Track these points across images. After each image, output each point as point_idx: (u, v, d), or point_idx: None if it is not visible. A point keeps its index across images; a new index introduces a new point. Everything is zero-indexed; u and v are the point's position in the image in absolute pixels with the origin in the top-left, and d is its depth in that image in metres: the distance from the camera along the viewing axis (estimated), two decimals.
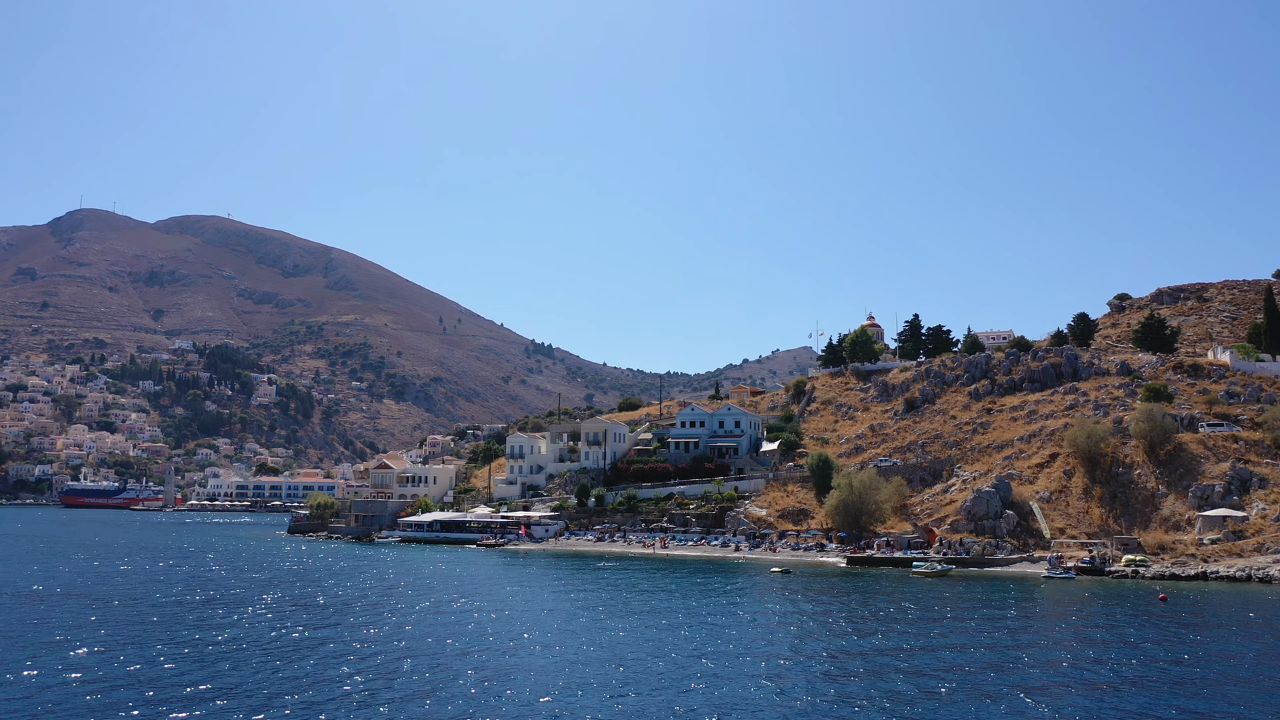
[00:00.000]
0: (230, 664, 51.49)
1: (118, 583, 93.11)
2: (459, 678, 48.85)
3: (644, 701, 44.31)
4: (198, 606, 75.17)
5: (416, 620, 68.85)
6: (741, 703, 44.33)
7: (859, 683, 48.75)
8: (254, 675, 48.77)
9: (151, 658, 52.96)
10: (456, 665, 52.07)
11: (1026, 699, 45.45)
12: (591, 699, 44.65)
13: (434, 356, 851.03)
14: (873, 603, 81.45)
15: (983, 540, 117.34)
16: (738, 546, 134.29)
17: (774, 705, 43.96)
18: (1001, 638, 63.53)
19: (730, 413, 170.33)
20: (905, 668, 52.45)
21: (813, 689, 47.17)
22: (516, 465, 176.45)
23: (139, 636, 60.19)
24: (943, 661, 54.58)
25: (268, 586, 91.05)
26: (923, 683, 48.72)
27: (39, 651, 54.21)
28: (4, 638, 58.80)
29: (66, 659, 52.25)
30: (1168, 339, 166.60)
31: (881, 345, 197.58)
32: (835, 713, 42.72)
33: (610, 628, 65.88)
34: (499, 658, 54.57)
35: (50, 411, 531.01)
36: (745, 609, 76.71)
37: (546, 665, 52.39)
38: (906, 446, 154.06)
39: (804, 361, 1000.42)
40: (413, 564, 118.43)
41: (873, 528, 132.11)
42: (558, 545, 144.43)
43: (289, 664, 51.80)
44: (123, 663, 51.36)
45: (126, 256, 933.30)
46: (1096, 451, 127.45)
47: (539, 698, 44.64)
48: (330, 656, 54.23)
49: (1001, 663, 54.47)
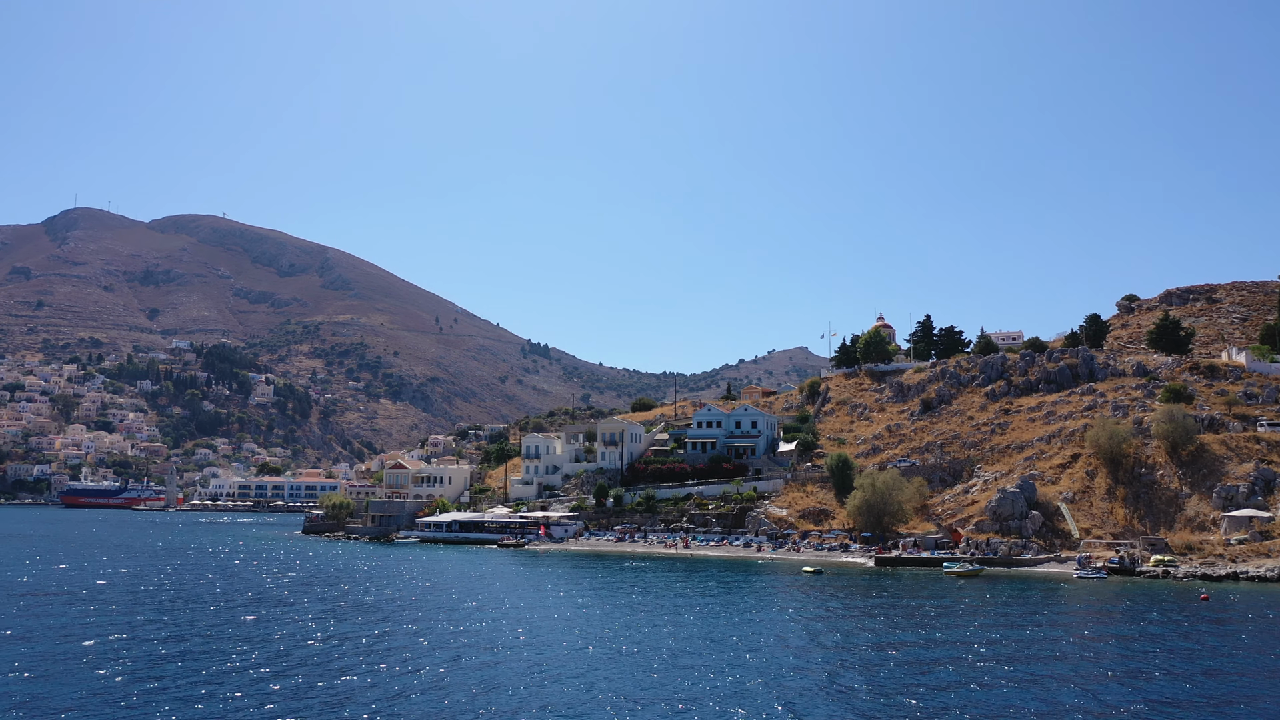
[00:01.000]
0: (317, 664, 51.73)
1: (165, 583, 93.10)
2: (556, 679, 49.15)
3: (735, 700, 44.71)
4: (249, 606, 75.26)
5: (473, 619, 69.04)
6: (817, 699, 44.72)
7: (937, 680, 49.17)
8: (341, 676, 49.01)
9: (247, 660, 53.15)
10: (537, 665, 52.35)
11: (1106, 697, 45.95)
12: (671, 700, 45.01)
13: (431, 356, 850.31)
14: (915, 602, 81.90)
15: (1009, 540, 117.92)
16: (760, 547, 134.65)
17: (847, 699, 44.37)
18: (1059, 636, 64.03)
19: (747, 413, 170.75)
20: (976, 670, 52.86)
21: (891, 684, 47.58)
22: (532, 465, 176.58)
23: (218, 637, 60.34)
24: (1014, 662, 55.00)
25: (308, 586, 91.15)
26: (1002, 683, 49.18)
27: (122, 653, 54.35)
28: (86, 639, 58.89)
29: (155, 657, 52.41)
30: (1182, 340, 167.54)
31: (895, 346, 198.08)
32: (910, 709, 43.14)
33: (670, 629, 66.15)
34: (577, 656, 54.85)
35: (48, 411, 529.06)
36: (793, 609, 77.04)
37: (620, 664, 52.69)
38: (925, 447, 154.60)
39: (800, 362, 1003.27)
40: (440, 564, 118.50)
41: (895, 528, 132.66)
42: (578, 545, 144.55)
43: (367, 664, 52.06)
44: (217, 663, 51.55)
45: (121, 256, 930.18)
46: (1118, 452, 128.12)
47: (617, 695, 45.00)
48: (403, 655, 54.47)
49: (1069, 661, 54.96)
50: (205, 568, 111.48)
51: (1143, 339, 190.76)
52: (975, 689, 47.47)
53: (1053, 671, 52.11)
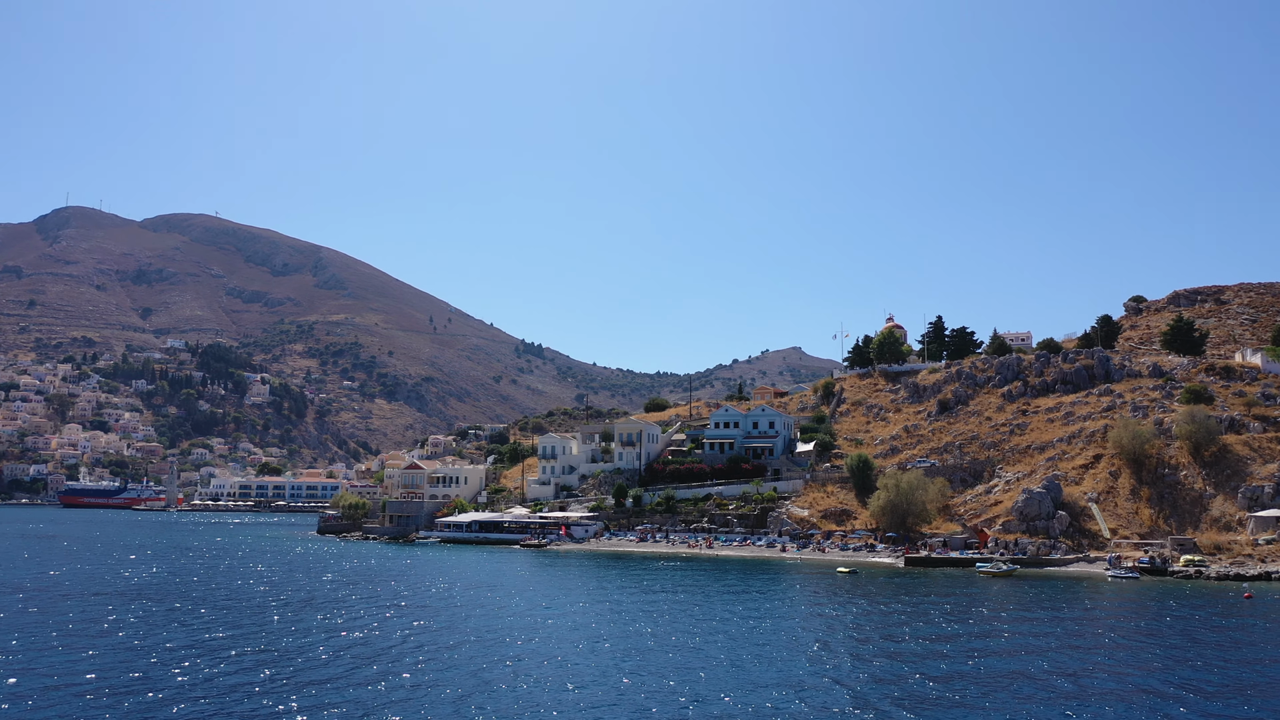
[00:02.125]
0: (405, 662, 51.99)
1: (211, 583, 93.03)
2: (650, 681, 49.49)
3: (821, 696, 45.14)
4: (308, 606, 75.34)
5: (524, 618, 69.29)
6: (896, 695, 45.22)
7: (1002, 679, 49.70)
8: (432, 675, 49.29)
9: (317, 658, 53.33)
10: (611, 665, 52.69)
11: (1191, 696, 46.55)
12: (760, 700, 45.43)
13: (425, 356, 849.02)
14: (963, 601, 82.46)
15: (1037, 541, 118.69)
16: (784, 547, 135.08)
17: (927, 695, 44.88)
18: (1121, 637, 64.61)
19: (764, 414, 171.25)
20: (1043, 669, 53.42)
21: (982, 683, 48.12)
22: (549, 466, 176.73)
23: (296, 636, 60.48)
24: (1082, 661, 55.58)
25: (352, 586, 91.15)
26: (1077, 682, 49.74)
27: (201, 655, 54.46)
28: (169, 638, 58.96)
29: (235, 659, 52.56)
30: (1196, 341, 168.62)
31: (908, 347, 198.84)
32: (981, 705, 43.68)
33: (739, 629, 66.54)
34: (658, 656, 55.17)
35: (43, 410, 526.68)
36: (840, 608, 77.49)
37: (708, 665, 53.08)
38: (943, 448, 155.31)
39: (794, 362, 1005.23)
40: (469, 565, 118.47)
41: (919, 528, 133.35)
42: (600, 546, 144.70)
43: (450, 663, 52.33)
44: (299, 663, 51.73)
45: (114, 255, 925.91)
46: (1141, 453, 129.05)
47: (697, 694, 45.44)
48: (475, 657, 54.74)
49: (1138, 660, 55.57)
50: (240, 568, 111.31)
51: (1154, 340, 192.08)
52: (1067, 687, 48.04)
53: (1128, 672, 52.68)
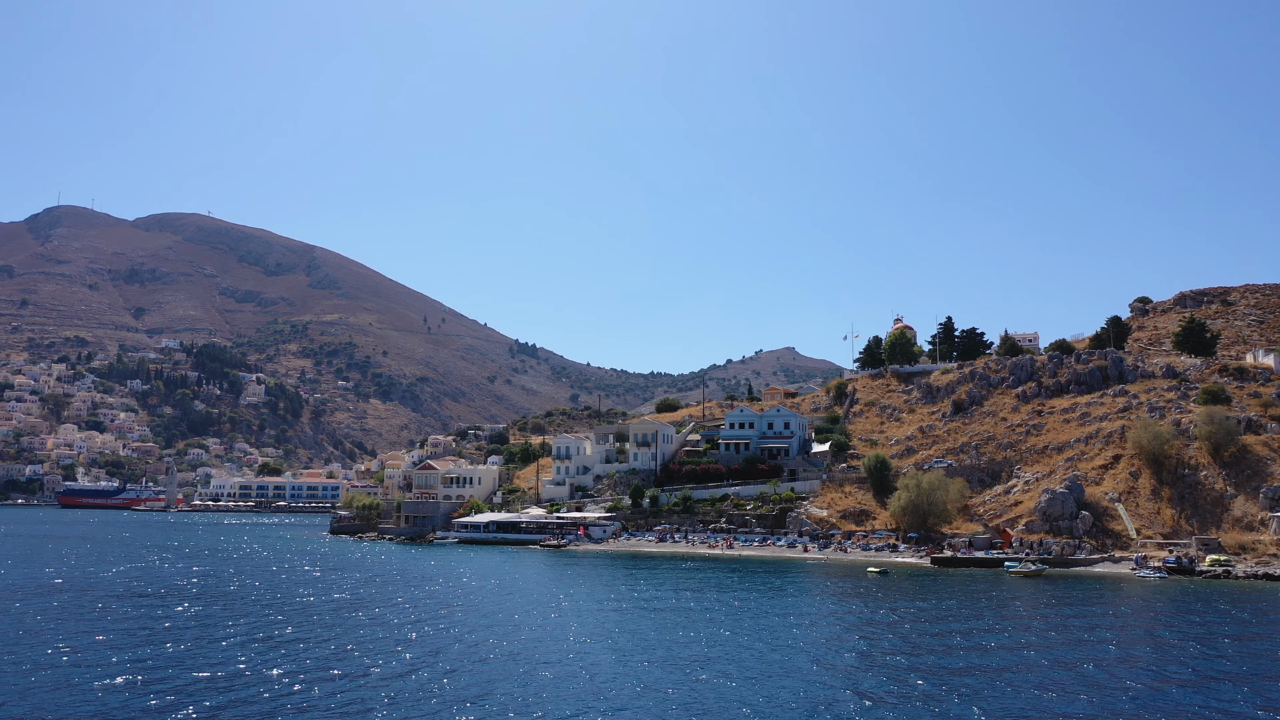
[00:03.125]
0: (469, 661, 52.22)
1: (251, 583, 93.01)
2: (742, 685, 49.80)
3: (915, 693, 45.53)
4: (354, 607, 75.43)
5: (578, 619, 69.53)
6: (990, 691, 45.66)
7: (1100, 679, 50.20)
8: (500, 675, 49.52)
9: (404, 663, 53.51)
10: (689, 666, 53.01)
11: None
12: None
13: (420, 356, 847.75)
14: (1004, 601, 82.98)
15: (1061, 540, 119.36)
16: (805, 547, 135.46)
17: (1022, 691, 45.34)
18: (1179, 637, 65.18)
19: (779, 414, 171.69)
20: (1118, 669, 53.95)
21: (1064, 681, 48.62)
22: (563, 466, 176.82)
23: (352, 636, 60.61)
24: (1159, 661, 56.14)
25: (388, 587, 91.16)
26: (1170, 687, 50.28)
27: (283, 658, 54.58)
28: (238, 637, 59.03)
29: (317, 660, 52.69)
30: (1208, 342, 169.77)
31: (919, 348, 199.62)
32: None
33: (798, 631, 66.87)
34: (735, 655, 55.51)
35: (38, 410, 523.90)
36: (886, 610, 77.91)
37: (768, 672, 53.44)
38: (959, 448, 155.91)
39: (787, 362, 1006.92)
40: (492, 565, 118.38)
41: (940, 528, 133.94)
42: (619, 546, 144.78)
43: (515, 663, 52.60)
44: (385, 664, 51.90)
45: (106, 254, 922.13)
46: (1160, 453, 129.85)
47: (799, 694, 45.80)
48: (548, 659, 55.01)
49: (1219, 660, 56.16)
50: (271, 569, 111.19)
51: (1163, 341, 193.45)
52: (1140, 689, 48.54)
53: (1202, 673, 53.28)
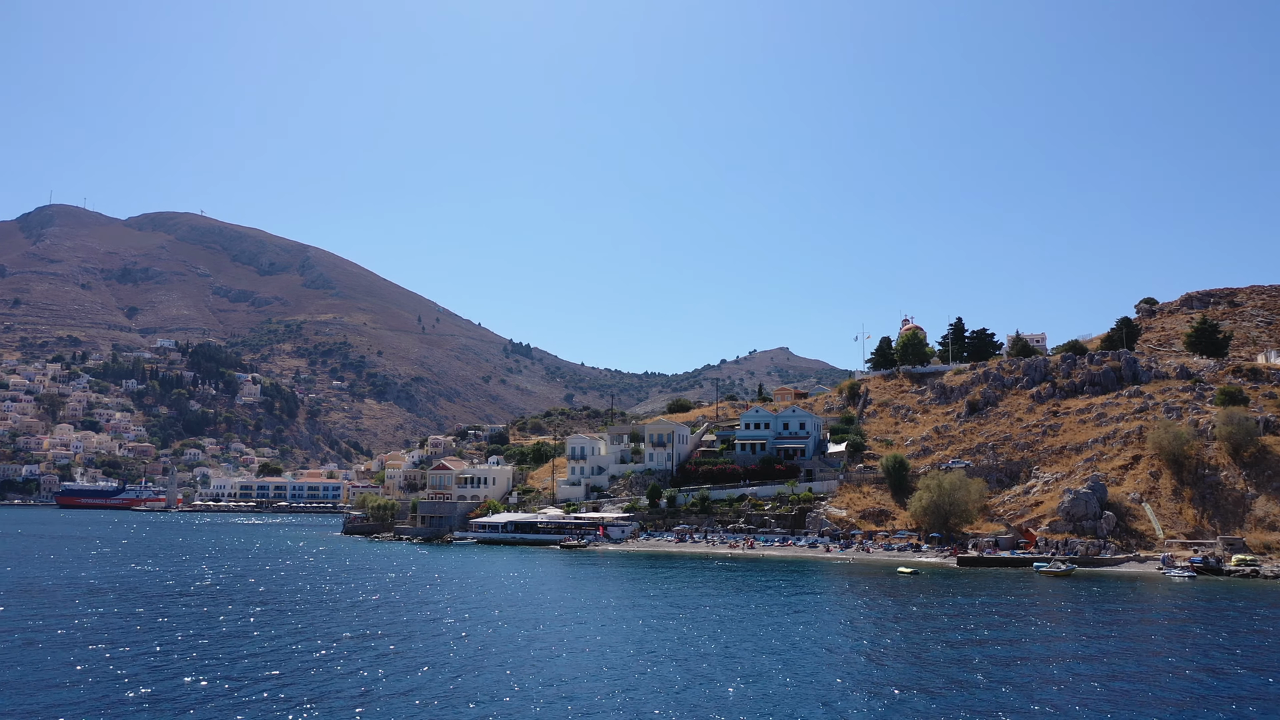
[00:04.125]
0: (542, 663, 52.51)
1: (292, 584, 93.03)
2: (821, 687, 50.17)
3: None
4: (408, 607, 75.60)
5: (642, 621, 69.85)
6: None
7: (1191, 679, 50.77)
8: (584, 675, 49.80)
9: (500, 675, 53.75)
10: (774, 670, 53.39)
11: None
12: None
13: (414, 356, 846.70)
14: (1046, 600, 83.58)
15: (1086, 540, 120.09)
16: (828, 547, 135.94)
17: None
18: (1258, 638, 65.85)
19: (795, 414, 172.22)
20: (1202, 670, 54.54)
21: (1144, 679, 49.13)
22: (578, 466, 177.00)
23: (415, 637, 60.82)
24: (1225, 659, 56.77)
25: (426, 588, 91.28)
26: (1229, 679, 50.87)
27: (373, 661, 54.76)
28: (315, 638, 59.15)
29: (398, 663, 52.92)
30: (1220, 343, 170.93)
31: (931, 349, 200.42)
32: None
33: (865, 630, 67.31)
34: (788, 666, 55.93)
35: (34, 410, 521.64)
36: (932, 609, 78.44)
37: (860, 667, 53.87)
38: (976, 448, 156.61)
39: (780, 362, 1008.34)
40: (521, 566, 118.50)
41: (961, 529, 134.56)
42: (639, 546, 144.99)
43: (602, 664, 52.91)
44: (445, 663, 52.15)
45: (98, 253, 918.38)
46: (1181, 454, 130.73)
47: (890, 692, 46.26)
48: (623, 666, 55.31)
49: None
50: (306, 568, 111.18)
51: (1172, 342, 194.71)
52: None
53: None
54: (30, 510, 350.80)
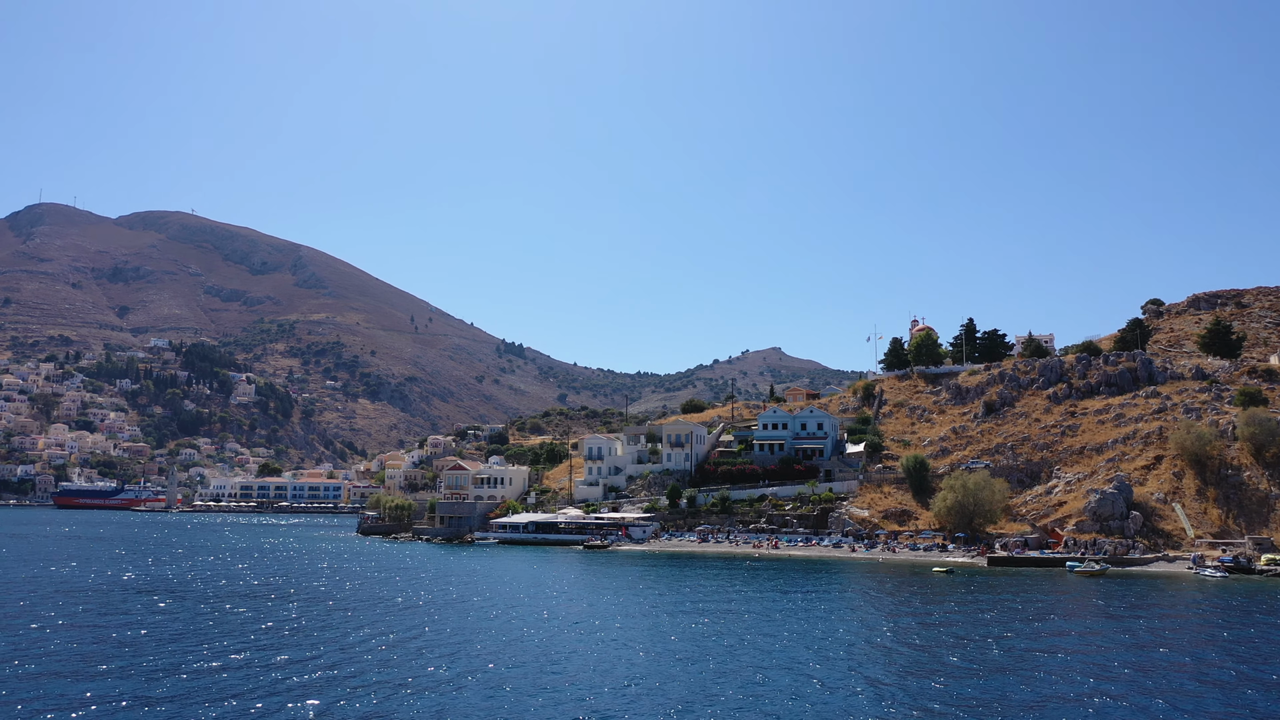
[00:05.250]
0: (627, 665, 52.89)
1: (341, 585, 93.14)
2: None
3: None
4: (448, 604, 75.88)
5: (722, 625, 70.34)
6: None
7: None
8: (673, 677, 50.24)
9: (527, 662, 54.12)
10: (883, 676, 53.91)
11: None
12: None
13: (407, 356, 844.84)
14: (1096, 599, 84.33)
15: (1113, 540, 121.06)
16: (853, 547, 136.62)
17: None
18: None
19: (813, 415, 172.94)
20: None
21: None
22: (595, 467, 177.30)
23: (492, 642, 61.14)
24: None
25: (462, 586, 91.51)
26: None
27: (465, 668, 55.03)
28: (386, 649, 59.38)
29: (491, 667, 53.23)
30: (1233, 344, 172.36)
31: (945, 350, 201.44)
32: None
33: (944, 630, 67.90)
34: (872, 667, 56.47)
35: (28, 410, 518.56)
36: (987, 608, 79.15)
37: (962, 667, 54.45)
38: (994, 449, 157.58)
39: (773, 362, 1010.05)
40: (556, 566, 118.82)
41: (986, 529, 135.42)
42: (663, 546, 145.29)
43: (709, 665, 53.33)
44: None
45: (89, 252, 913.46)
46: (1203, 454, 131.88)
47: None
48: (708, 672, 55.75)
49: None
50: (340, 568, 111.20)
51: (1182, 343, 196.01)
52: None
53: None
54: (28, 511, 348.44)
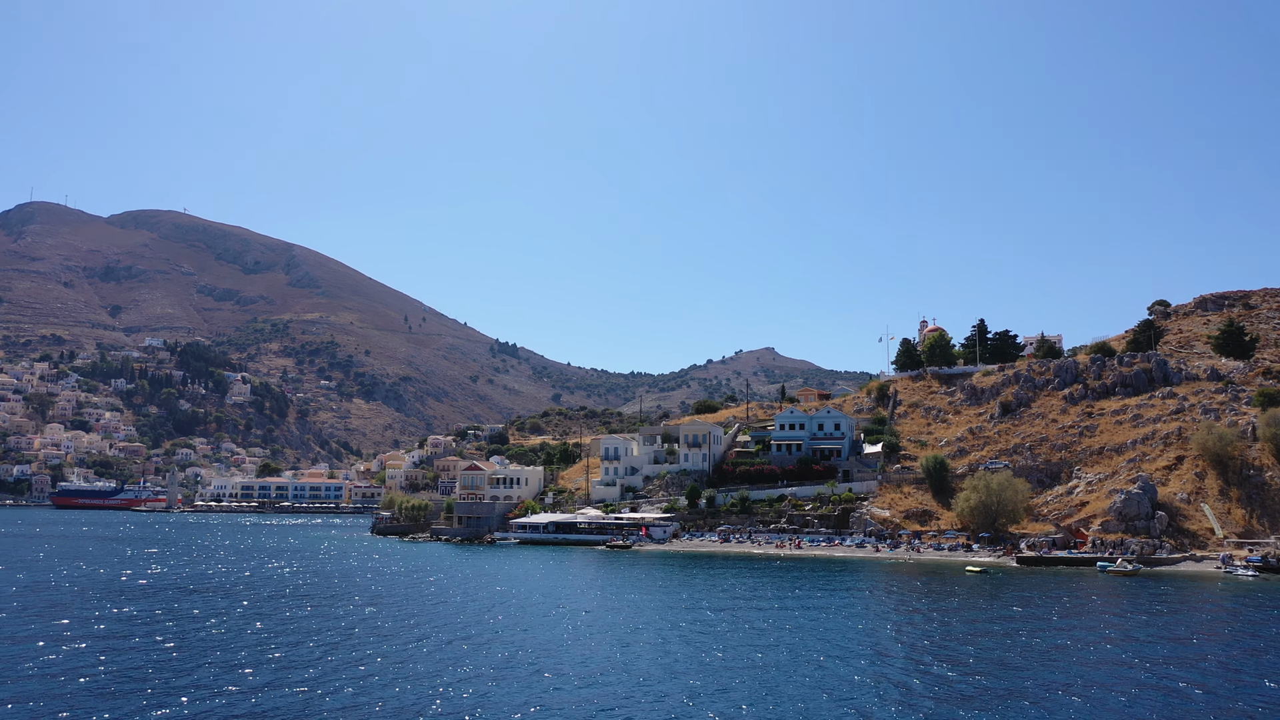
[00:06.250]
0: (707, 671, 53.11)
1: (384, 586, 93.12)
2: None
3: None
4: (501, 605, 76.00)
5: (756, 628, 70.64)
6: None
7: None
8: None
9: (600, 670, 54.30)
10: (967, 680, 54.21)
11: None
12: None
13: (402, 355, 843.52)
14: (1142, 598, 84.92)
15: (1140, 540, 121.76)
16: (876, 547, 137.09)
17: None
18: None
19: (830, 415, 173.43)
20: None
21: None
22: (612, 467, 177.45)
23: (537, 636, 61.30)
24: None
25: (504, 585, 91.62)
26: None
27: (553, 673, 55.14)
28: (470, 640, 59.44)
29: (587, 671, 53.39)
30: (1247, 345, 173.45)
31: (959, 350, 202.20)
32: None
33: (1006, 632, 68.31)
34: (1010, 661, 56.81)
35: (23, 410, 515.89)
36: (1058, 609, 79.64)
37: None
38: (1013, 449, 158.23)
39: (767, 363, 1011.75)
40: (584, 567, 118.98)
41: (1009, 529, 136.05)
42: (685, 546, 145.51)
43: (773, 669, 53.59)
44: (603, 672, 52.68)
45: (80, 251, 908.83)
46: (1225, 454, 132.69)
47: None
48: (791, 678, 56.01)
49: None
50: (375, 569, 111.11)
51: (1192, 344, 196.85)
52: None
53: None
54: (26, 511, 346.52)
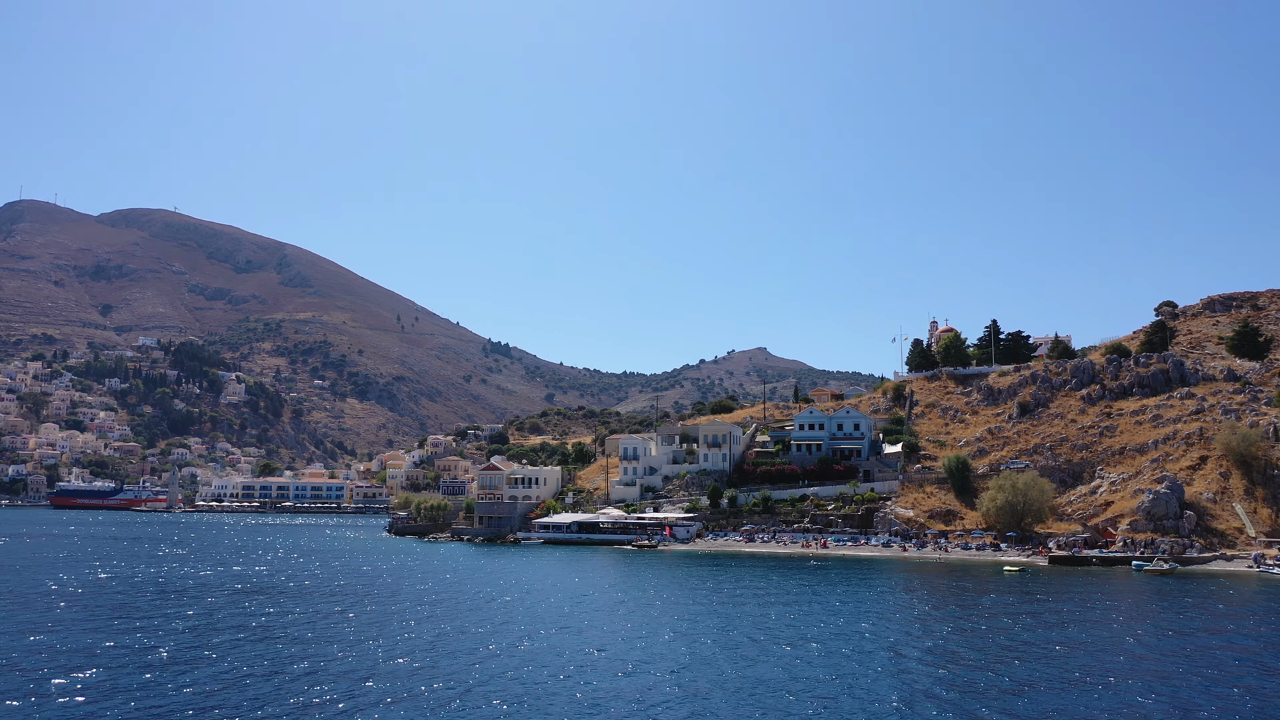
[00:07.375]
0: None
1: (428, 586, 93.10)
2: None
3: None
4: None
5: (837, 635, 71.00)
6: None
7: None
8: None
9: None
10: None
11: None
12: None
13: (395, 355, 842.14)
14: (1204, 599, 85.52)
15: (1169, 539, 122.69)
16: (903, 547, 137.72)
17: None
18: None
19: (849, 415, 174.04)
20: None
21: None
22: (631, 467, 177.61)
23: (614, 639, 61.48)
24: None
25: (561, 587, 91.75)
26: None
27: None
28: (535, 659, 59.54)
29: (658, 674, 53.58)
30: (1262, 346, 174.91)
31: (975, 350, 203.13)
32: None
33: (1065, 636, 68.81)
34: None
35: (17, 410, 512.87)
36: (1126, 609, 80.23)
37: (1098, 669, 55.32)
38: (1033, 449, 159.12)
39: (759, 362, 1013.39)
40: (617, 567, 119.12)
41: (1035, 528, 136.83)
42: (710, 546, 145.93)
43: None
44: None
45: (70, 250, 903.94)
46: (1249, 454, 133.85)
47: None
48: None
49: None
50: (411, 571, 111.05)
51: (1203, 344, 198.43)
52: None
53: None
54: (24, 511, 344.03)
